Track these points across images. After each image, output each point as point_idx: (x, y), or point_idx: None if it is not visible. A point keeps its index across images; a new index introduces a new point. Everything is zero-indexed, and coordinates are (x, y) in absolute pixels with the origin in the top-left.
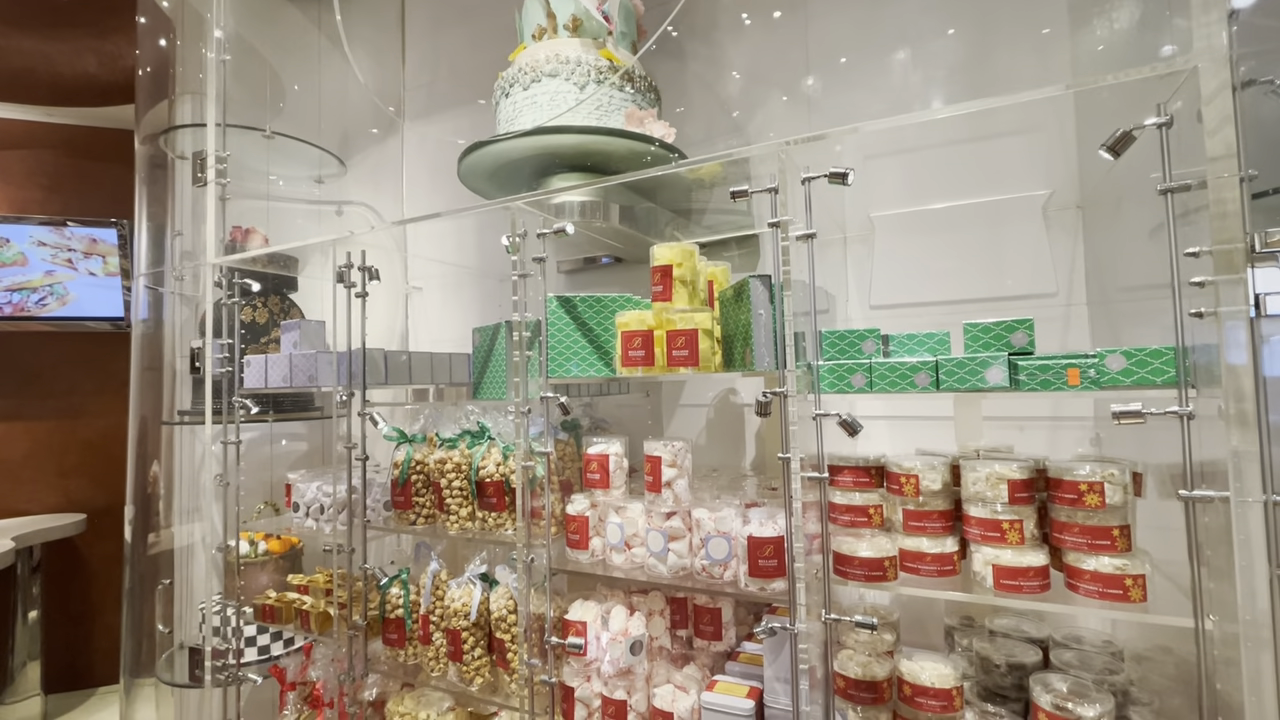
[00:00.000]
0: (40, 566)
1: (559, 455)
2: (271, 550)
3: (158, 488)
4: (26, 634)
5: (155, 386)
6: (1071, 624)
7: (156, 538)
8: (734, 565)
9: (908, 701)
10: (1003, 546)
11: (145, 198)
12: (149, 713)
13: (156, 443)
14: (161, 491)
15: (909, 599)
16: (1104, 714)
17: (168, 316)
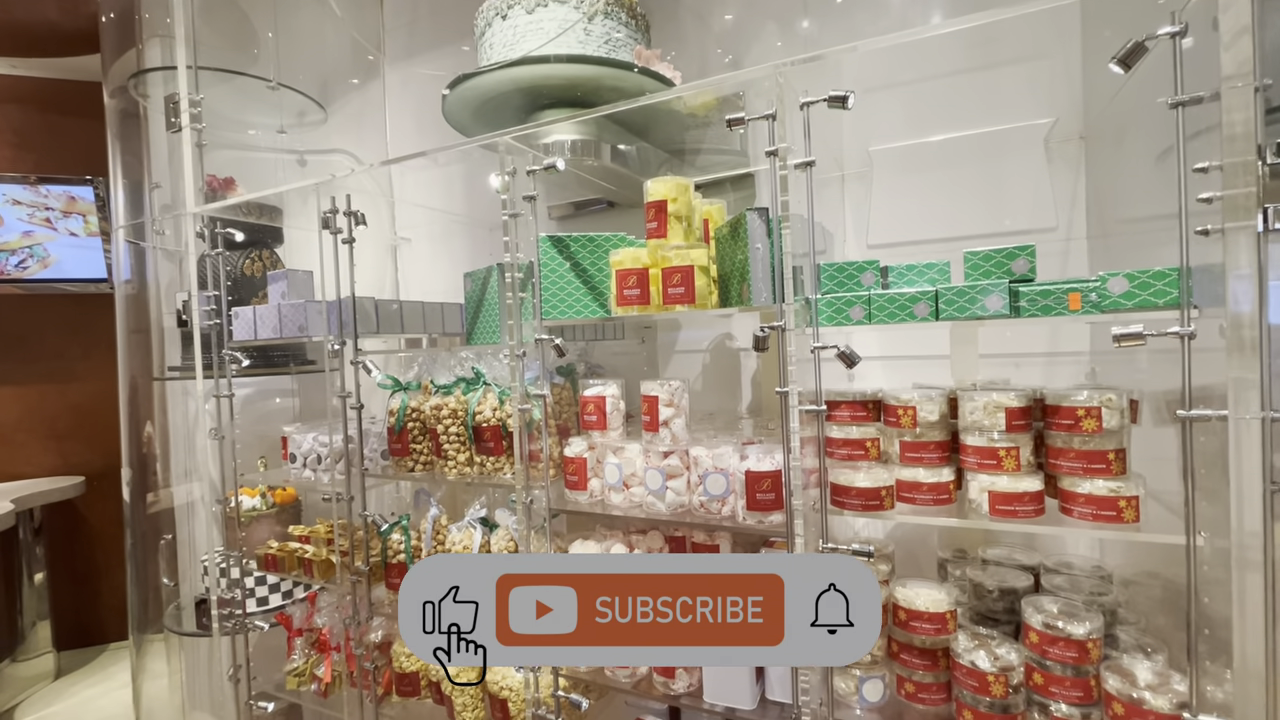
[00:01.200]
0: (42, 529)
1: (555, 400)
2: (279, 501)
3: (153, 448)
4: (34, 595)
5: (144, 348)
6: (1061, 551)
7: (155, 497)
8: (732, 501)
9: (902, 626)
10: (999, 473)
11: (119, 152)
12: (160, 666)
13: (149, 403)
14: (158, 451)
15: (903, 533)
16: (1093, 631)
17: (151, 275)
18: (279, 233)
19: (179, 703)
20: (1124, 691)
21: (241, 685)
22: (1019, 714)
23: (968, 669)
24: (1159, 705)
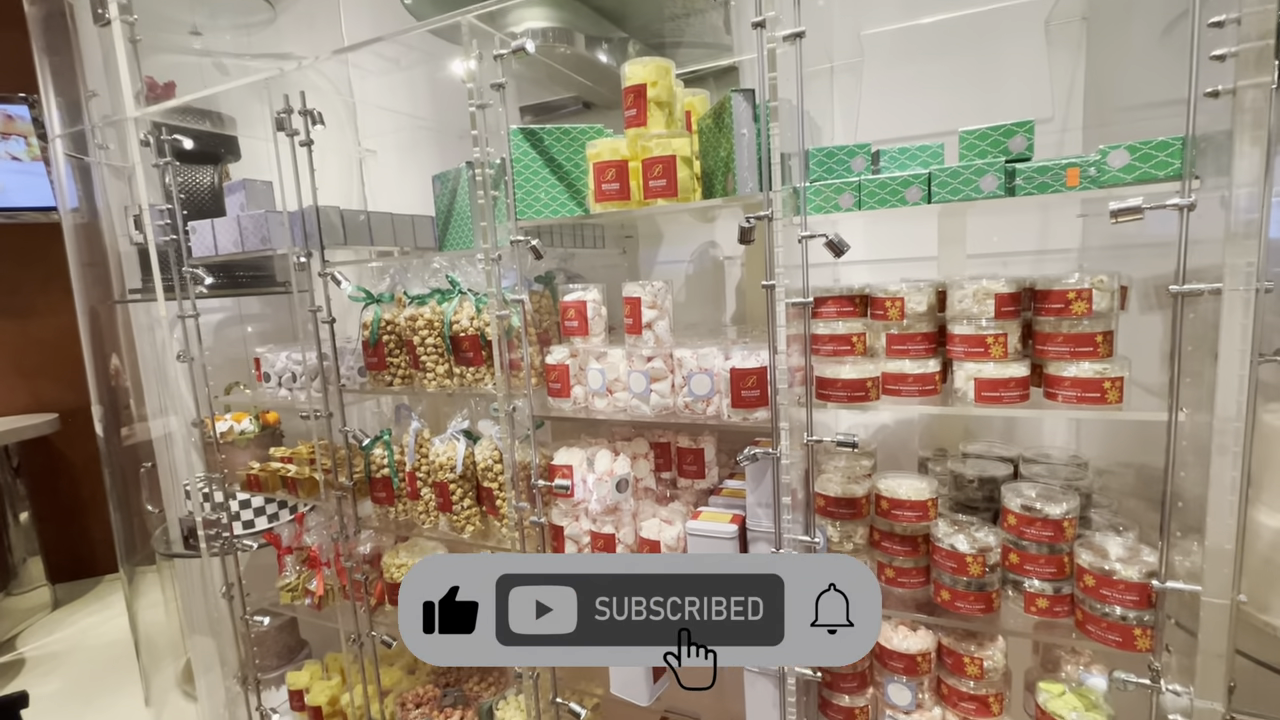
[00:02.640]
0: (20, 468)
1: (535, 308)
2: (268, 422)
3: (122, 380)
4: (20, 533)
5: (102, 281)
6: (1040, 444)
7: (130, 430)
8: (716, 400)
9: (884, 515)
10: (985, 361)
11: (48, 63)
12: (155, 595)
13: (113, 335)
14: (129, 383)
15: (885, 436)
16: (1069, 511)
17: (100, 198)
18: (234, 144)
19: (176, 628)
20: (1095, 565)
21: (235, 602)
22: (994, 591)
23: (947, 551)
24: (1128, 575)
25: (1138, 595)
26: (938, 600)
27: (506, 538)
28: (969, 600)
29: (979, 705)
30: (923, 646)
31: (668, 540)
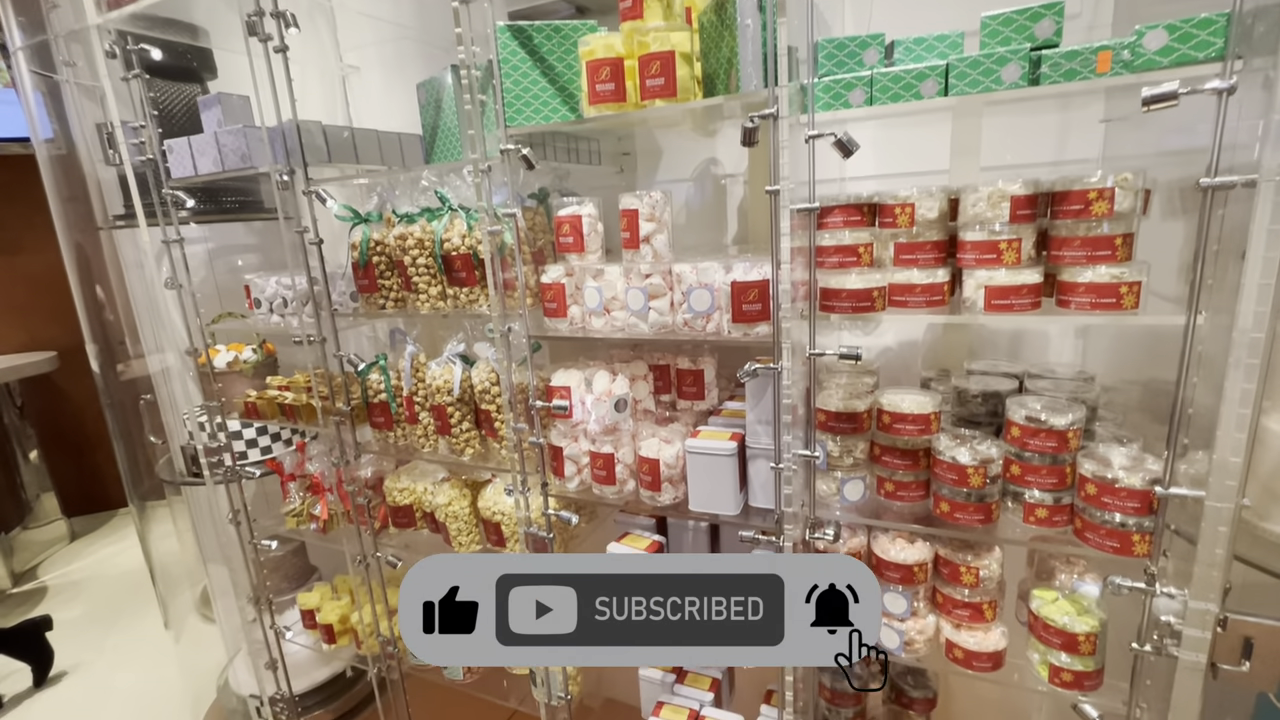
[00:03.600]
0: (25, 407)
1: (529, 225)
2: (270, 351)
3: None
4: (32, 471)
5: (84, 215)
6: (1045, 361)
7: (126, 366)
8: (717, 317)
9: (886, 429)
10: (997, 267)
11: None
12: (167, 528)
13: (101, 269)
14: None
15: (888, 360)
16: (1074, 422)
17: (75, 123)
18: (209, 59)
19: (190, 557)
20: (1098, 473)
21: (243, 527)
22: (994, 503)
23: (948, 464)
24: (1131, 483)
25: (1139, 502)
26: (936, 513)
27: (506, 459)
28: (968, 512)
29: (973, 612)
30: (920, 558)
31: (667, 459)
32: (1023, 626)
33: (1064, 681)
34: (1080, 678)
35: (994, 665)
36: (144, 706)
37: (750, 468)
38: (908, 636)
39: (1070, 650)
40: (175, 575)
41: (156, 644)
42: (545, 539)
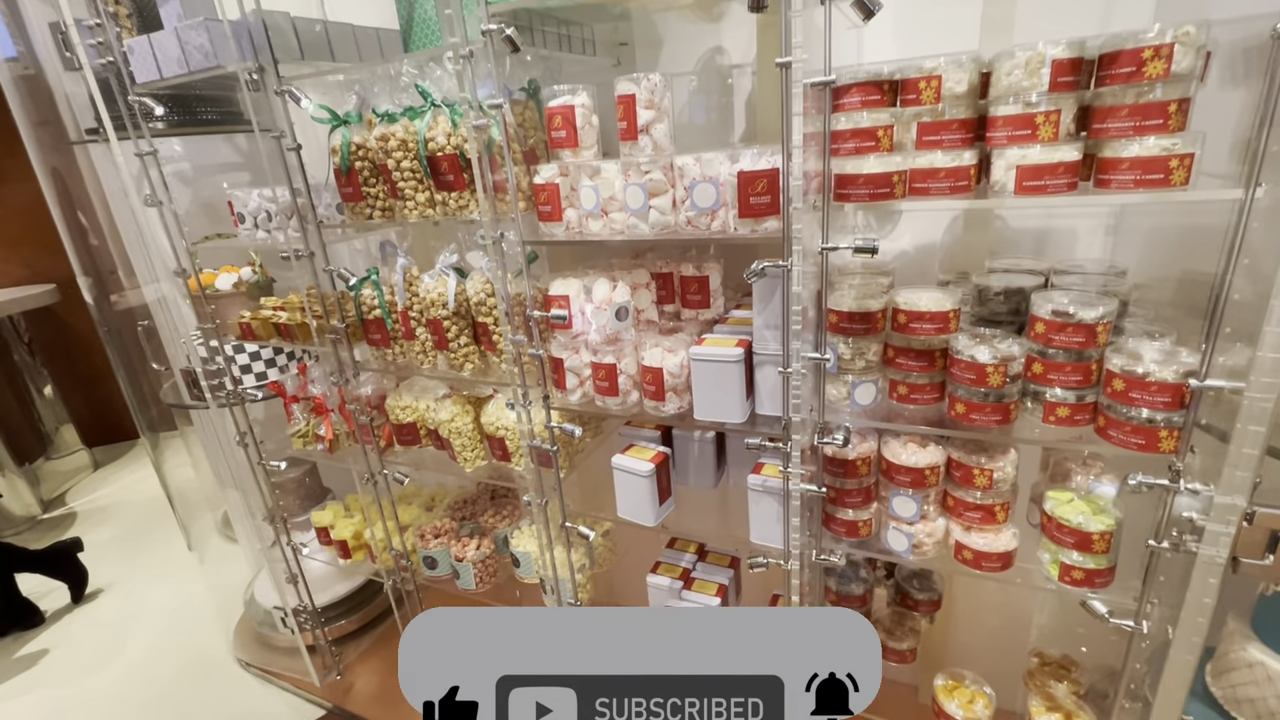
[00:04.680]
0: (33, 342)
1: (519, 121)
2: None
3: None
4: (48, 405)
5: (57, 137)
6: (1072, 257)
7: (120, 296)
8: (722, 214)
9: (901, 330)
10: (1031, 144)
11: None
12: (183, 458)
13: (84, 198)
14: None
15: (903, 263)
16: (1105, 315)
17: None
18: None
19: (206, 485)
20: (1127, 368)
21: (250, 449)
22: (1012, 403)
23: (966, 363)
24: (1163, 376)
25: (1170, 396)
26: (951, 414)
27: (506, 374)
28: (985, 412)
29: (984, 514)
30: (931, 461)
31: (670, 367)
32: (1034, 529)
33: (1074, 580)
34: (1091, 575)
35: (1003, 565)
36: (178, 620)
37: (757, 375)
38: (916, 540)
39: (1083, 549)
40: (194, 501)
41: (184, 564)
42: (549, 452)
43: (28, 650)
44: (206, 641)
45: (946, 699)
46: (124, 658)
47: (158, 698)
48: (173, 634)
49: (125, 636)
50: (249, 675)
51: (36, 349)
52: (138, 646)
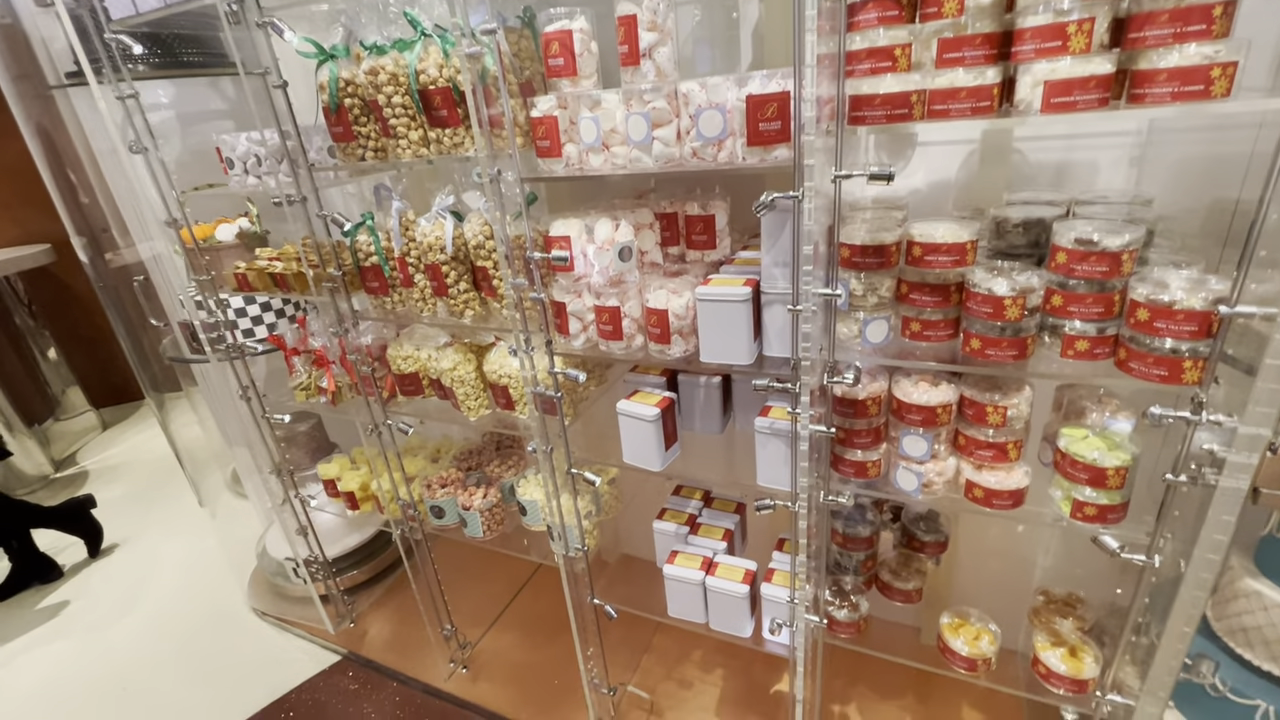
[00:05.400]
0: (31, 300)
1: (514, 51)
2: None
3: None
4: (53, 367)
5: (40, 88)
6: (1093, 188)
7: (115, 254)
8: (729, 144)
9: (916, 263)
10: (1061, 56)
11: None
12: (189, 417)
13: (73, 156)
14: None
15: (917, 200)
16: (1131, 243)
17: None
18: None
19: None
20: (1153, 296)
21: (253, 403)
22: (1029, 337)
23: (983, 296)
24: (1190, 304)
25: (1196, 325)
26: (965, 351)
27: (508, 319)
28: (1001, 347)
29: (996, 452)
30: (943, 399)
31: (676, 309)
32: (1045, 468)
33: (1086, 516)
34: (1104, 511)
35: (1014, 503)
36: (193, 573)
37: (765, 315)
38: (926, 479)
39: (1097, 485)
40: (202, 459)
41: (195, 519)
42: (554, 398)
43: (48, 602)
44: (222, 593)
45: (952, 636)
46: (142, 609)
47: (178, 646)
48: (188, 586)
49: (142, 589)
50: (265, 624)
51: (37, 311)
52: (155, 598)
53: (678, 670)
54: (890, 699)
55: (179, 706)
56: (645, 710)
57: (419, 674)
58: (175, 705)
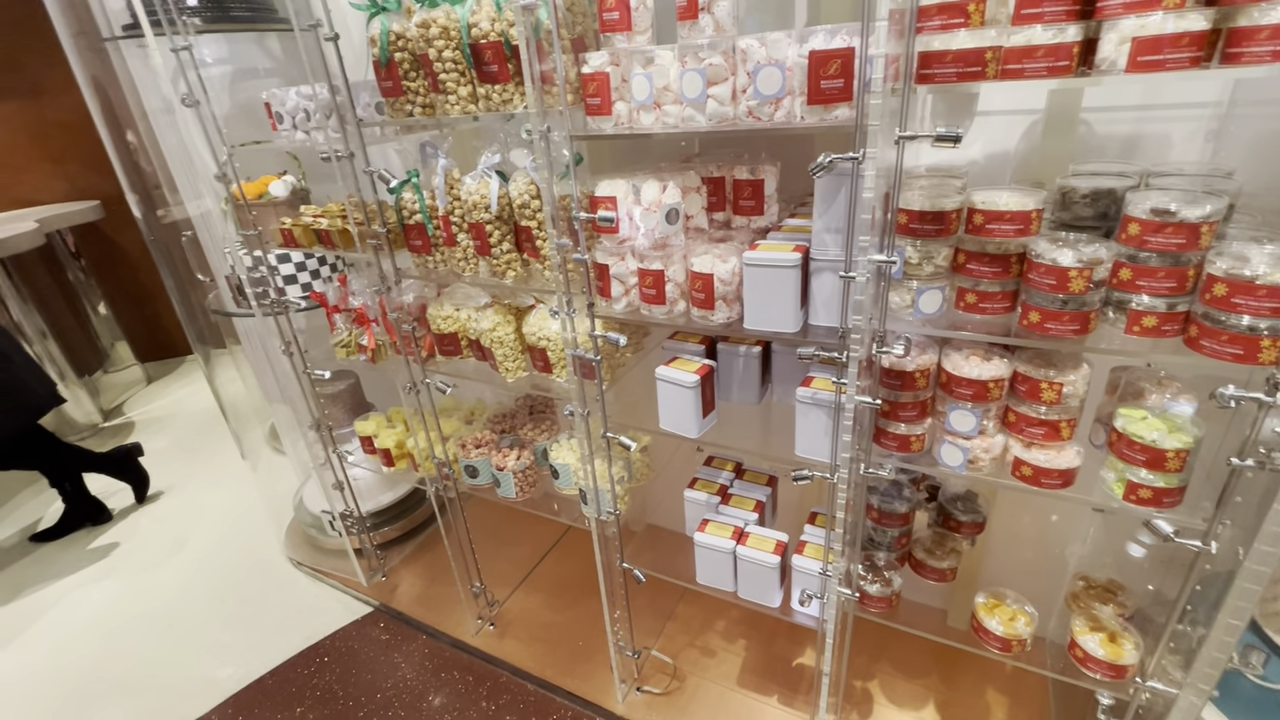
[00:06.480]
0: (79, 254)
1: (567, 6)
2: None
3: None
4: (103, 322)
5: (94, 46)
6: (1165, 162)
7: (166, 211)
8: (787, 102)
9: (977, 231)
10: (1152, 11)
11: None
12: (232, 374)
13: (125, 113)
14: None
15: (975, 170)
16: (1212, 214)
17: None
18: None
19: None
20: (1233, 271)
21: (295, 358)
22: (1093, 311)
23: (1046, 267)
24: (1274, 279)
25: (1279, 301)
26: (1024, 324)
27: (550, 280)
28: (1062, 321)
29: (1048, 430)
30: (996, 374)
31: (722, 274)
32: (1096, 450)
33: (1140, 499)
34: (1160, 494)
35: (1064, 483)
36: (234, 521)
37: (813, 282)
38: (972, 455)
39: (1154, 467)
40: (243, 414)
41: (236, 471)
42: (593, 362)
43: (99, 543)
44: (261, 541)
45: (988, 615)
46: (186, 552)
47: (220, 588)
48: (230, 534)
49: (187, 534)
50: (300, 573)
51: (87, 267)
52: (199, 543)
53: (700, 638)
54: (913, 678)
55: (221, 644)
56: (668, 675)
57: (448, 628)
58: (218, 643)
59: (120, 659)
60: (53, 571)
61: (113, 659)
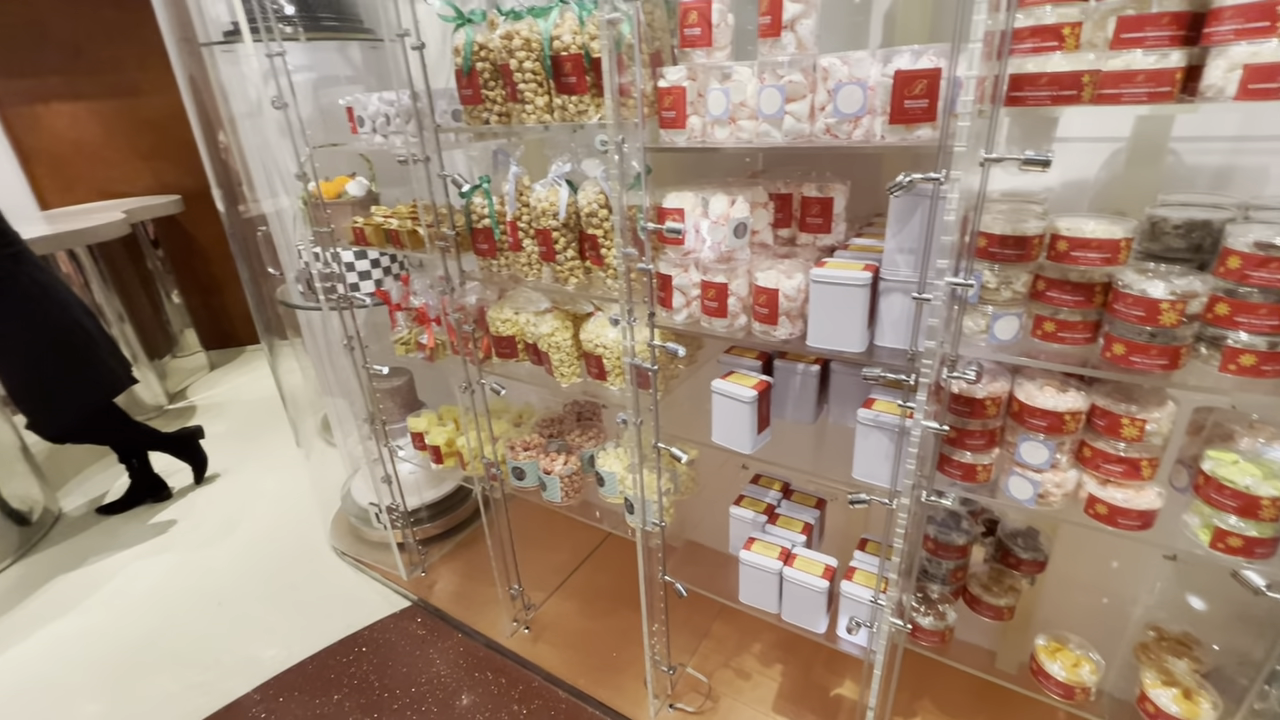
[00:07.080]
0: (159, 242)
1: (647, 21)
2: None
3: (233, 156)
4: (174, 309)
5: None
6: (1264, 194)
7: (246, 207)
8: (867, 121)
9: (1060, 258)
10: (1268, 39)
11: None
12: (293, 364)
13: (216, 115)
14: (238, 159)
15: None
16: None
17: None
18: None
19: (309, 391)
20: None
21: (356, 353)
22: (1182, 346)
23: (1135, 298)
24: None
25: None
26: (1106, 355)
27: (612, 288)
28: (1150, 355)
29: (1127, 468)
30: (1073, 406)
31: (787, 290)
32: (1177, 493)
33: (1229, 547)
34: (1251, 544)
35: (1143, 524)
36: (286, 506)
37: (881, 302)
38: (1043, 489)
39: (1247, 514)
40: (300, 404)
41: (290, 458)
42: (650, 371)
43: (159, 519)
44: (308, 528)
45: (1049, 659)
46: (239, 534)
47: (268, 570)
48: (280, 519)
49: (240, 516)
50: (344, 563)
51: (164, 257)
52: (250, 526)
53: (735, 660)
54: (958, 718)
55: (267, 625)
56: (702, 694)
57: (483, 628)
58: (262, 624)
59: (172, 631)
60: (116, 543)
61: (165, 630)
